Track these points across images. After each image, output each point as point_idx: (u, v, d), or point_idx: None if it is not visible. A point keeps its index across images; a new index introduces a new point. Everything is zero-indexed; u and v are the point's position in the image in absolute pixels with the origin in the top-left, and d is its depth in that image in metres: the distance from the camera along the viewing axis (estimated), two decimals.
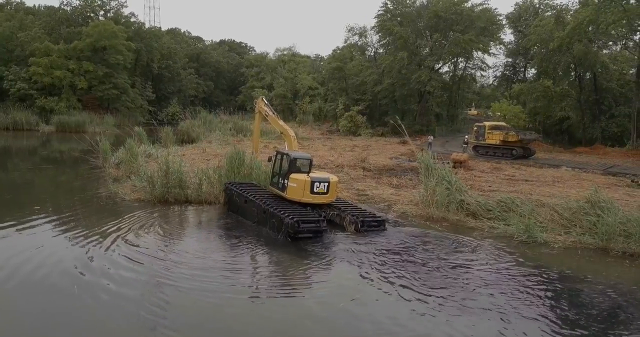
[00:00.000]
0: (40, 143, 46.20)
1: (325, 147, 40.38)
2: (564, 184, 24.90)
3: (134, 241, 13.34)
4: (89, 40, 62.80)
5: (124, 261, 11.75)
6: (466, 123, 65.89)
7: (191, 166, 25.45)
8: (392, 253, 13.11)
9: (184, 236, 14.37)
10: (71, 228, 14.63)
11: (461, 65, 60.57)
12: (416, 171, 27.99)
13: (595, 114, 44.16)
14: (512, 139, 34.60)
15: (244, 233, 14.78)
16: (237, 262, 12.27)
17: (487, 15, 53.88)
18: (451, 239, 14.63)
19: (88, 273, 10.92)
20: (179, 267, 11.43)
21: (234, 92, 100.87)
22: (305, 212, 14.75)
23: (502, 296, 10.54)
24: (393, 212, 17.77)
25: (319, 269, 12.07)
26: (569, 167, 30.95)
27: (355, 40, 65.63)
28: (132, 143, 24.51)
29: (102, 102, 65.01)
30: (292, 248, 13.38)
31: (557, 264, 12.69)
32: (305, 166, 15.74)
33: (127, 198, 18.61)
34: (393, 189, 21.66)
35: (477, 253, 13.52)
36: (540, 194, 20.54)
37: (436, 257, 12.95)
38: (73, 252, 12.32)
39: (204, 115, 53.24)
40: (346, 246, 13.67)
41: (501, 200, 16.47)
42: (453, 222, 16.30)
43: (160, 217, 16.22)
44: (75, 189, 22.27)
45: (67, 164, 30.39)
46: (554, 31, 40.85)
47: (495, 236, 14.99)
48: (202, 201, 18.25)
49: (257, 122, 22.53)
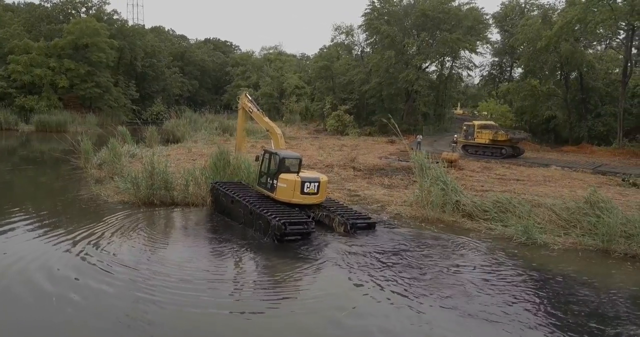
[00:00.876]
0: (20, 143, 44.81)
1: (313, 147, 39.85)
2: (555, 183, 24.75)
3: (111, 247, 12.61)
4: (70, 38, 61.27)
5: (95, 270, 10.93)
6: (453, 122, 66.01)
7: (177, 167, 24.75)
8: (385, 257, 12.64)
9: (166, 241, 13.65)
10: (45, 233, 13.85)
11: (448, 64, 60.65)
12: (407, 171, 27.79)
13: (581, 113, 44.28)
14: (502, 138, 34.45)
15: (230, 236, 14.19)
16: (221, 272, 11.54)
17: (474, 14, 53.79)
18: (447, 241, 14.22)
19: (53, 284, 10.09)
20: (156, 277, 10.64)
21: (219, 91, 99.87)
22: (292, 213, 14.32)
23: (503, 301, 10.13)
24: (386, 213, 17.32)
25: (307, 275, 11.50)
26: (558, 166, 30.86)
27: (342, 39, 65.25)
28: (115, 143, 23.63)
29: (84, 101, 63.53)
30: (279, 252, 12.86)
31: (558, 266, 12.35)
32: (294, 166, 15.27)
33: (110, 200, 17.86)
34: (385, 190, 21.21)
35: (476, 255, 13.13)
36: (533, 194, 20.27)
37: (432, 261, 12.52)
38: (42, 260, 11.49)
39: (189, 114, 52.37)
40: (335, 249, 13.19)
41: (497, 200, 16.11)
42: (449, 224, 15.89)
43: (143, 221, 15.53)
44: (56, 190, 21.39)
45: (47, 165, 29.32)
46: (541, 30, 40.85)
47: (493, 237, 14.63)
48: (189, 202, 17.60)
49: (240, 119, 21.79)
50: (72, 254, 11.97)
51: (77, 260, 11.57)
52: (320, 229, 14.61)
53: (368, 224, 14.95)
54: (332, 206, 16.04)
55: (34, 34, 63.86)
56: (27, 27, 65.02)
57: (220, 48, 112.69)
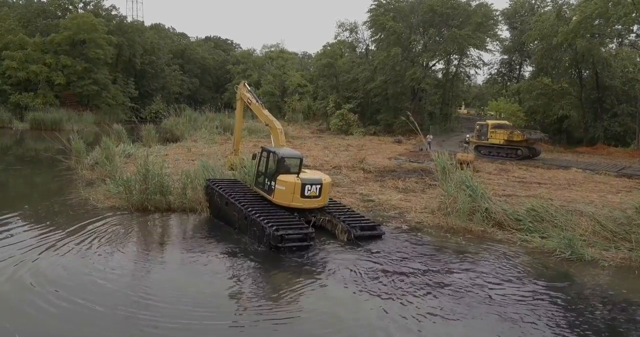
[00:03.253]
0: (14, 142, 43.14)
1: (318, 147, 38.16)
2: (580, 187, 23.08)
3: (91, 262, 10.97)
4: (66, 33, 59.41)
5: (68, 290, 9.38)
6: (459, 122, 64.34)
7: (175, 168, 23.10)
8: (397, 272, 11.04)
9: (154, 256, 11.89)
10: (19, 242, 12.17)
11: (455, 62, 58.89)
12: (420, 173, 26.12)
13: (597, 113, 42.56)
14: (518, 138, 32.64)
15: (228, 248, 12.53)
16: (214, 294, 9.79)
17: (483, 10, 52.07)
18: (478, 255, 12.54)
19: (23, 304, 8.65)
20: (142, 301, 9.09)
21: (219, 89, 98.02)
22: (291, 220, 12.97)
23: (549, 330, 8.48)
24: (405, 222, 15.58)
25: (308, 293, 10.00)
26: (579, 168, 29.14)
27: (346, 37, 63.54)
28: (109, 142, 21.85)
29: (82, 98, 61.79)
30: (277, 264, 11.52)
31: (612, 287, 10.67)
32: (295, 166, 13.77)
33: (99, 205, 16.13)
34: (401, 194, 19.48)
35: (511, 273, 11.42)
36: (560, 199, 18.65)
37: (459, 278, 10.84)
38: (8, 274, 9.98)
39: (189, 113, 50.65)
40: (339, 261, 11.74)
41: (532, 208, 14.37)
42: (477, 234, 14.18)
43: (132, 231, 13.88)
44: (41, 194, 19.72)
45: (36, 165, 27.55)
46: (555, 26, 39.17)
47: (530, 251, 12.91)
48: (186, 208, 15.88)
49: (238, 111, 19.77)
50: (46, 272, 10.34)
51: (52, 278, 9.97)
52: (322, 234, 13.39)
53: (375, 232, 13.62)
54: (335, 210, 14.60)
55: (29, 29, 62.04)
56: (23, 23, 63.22)
57: (221, 46, 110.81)
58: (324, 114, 62.91)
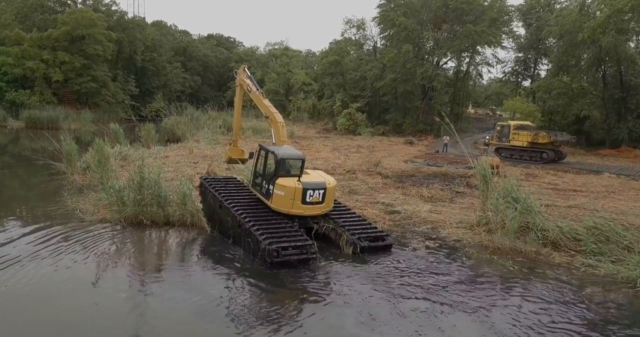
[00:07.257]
0: (9, 141, 41.13)
1: (327, 148, 36.04)
2: (621, 195, 20.90)
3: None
4: (65, 29, 57.36)
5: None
6: (470, 122, 62.20)
7: (175, 172, 21.03)
8: (416, 296, 9.31)
9: (143, 284, 9.86)
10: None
11: (467, 60, 56.71)
12: (441, 178, 24.01)
13: (620, 113, 40.35)
14: (543, 140, 30.38)
15: (229, 273, 10.57)
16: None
17: (498, 5, 49.92)
18: (532, 285, 10.41)
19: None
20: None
21: (222, 88, 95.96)
22: (290, 231, 11.40)
23: None
24: (433, 240, 13.40)
25: (307, 322, 8.27)
26: (612, 173, 26.96)
27: (353, 33, 61.38)
28: (102, 144, 19.66)
29: (80, 96, 59.80)
30: (277, 287, 9.97)
31: None
32: (296, 168, 12.07)
33: (87, 218, 13.99)
34: (429, 204, 17.32)
35: (578, 312, 9.24)
36: (607, 210, 16.44)
37: (500, 313, 8.80)
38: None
39: (191, 111, 48.56)
40: (344, 281, 10.09)
41: (594, 226, 12.21)
42: (530, 257, 12.01)
43: (121, 250, 11.77)
44: (23, 203, 17.55)
45: (26, 167, 25.42)
46: (578, 21, 36.98)
47: (598, 280, 10.76)
48: (187, 222, 13.74)
49: (237, 98, 17.53)
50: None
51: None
52: (325, 245, 12.01)
53: (383, 243, 12.14)
54: (340, 217, 12.84)
55: (27, 24, 59.97)
56: (20, 17, 61.15)
57: (224, 44, 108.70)
58: (330, 113, 60.84)
